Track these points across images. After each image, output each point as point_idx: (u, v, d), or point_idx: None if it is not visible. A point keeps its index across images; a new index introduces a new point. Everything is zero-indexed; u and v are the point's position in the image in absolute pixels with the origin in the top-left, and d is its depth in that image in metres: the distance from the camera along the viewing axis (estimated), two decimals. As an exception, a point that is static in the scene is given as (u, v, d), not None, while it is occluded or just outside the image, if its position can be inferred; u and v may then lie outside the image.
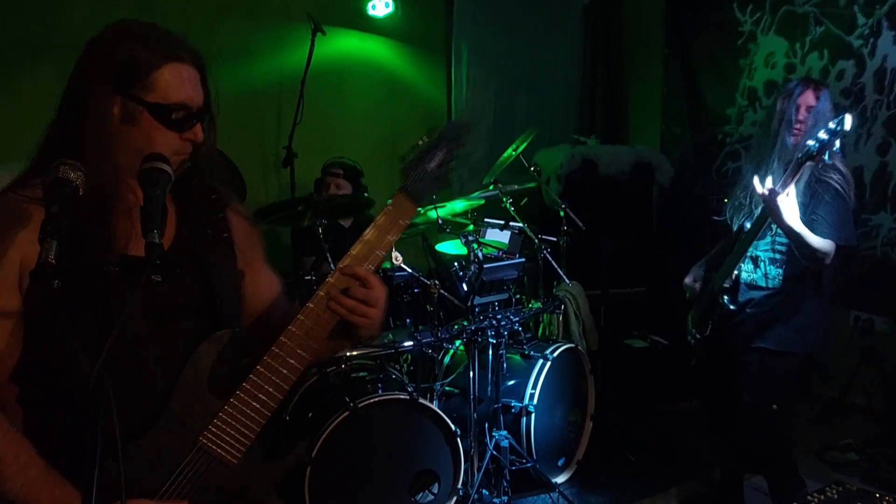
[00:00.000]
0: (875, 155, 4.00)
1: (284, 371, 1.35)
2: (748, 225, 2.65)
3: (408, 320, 3.33)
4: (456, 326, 3.13)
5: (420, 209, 3.42)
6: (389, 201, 1.44)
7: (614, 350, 4.31)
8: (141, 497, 1.22)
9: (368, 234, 1.40)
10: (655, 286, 4.78)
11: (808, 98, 2.59)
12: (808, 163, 2.35)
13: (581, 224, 3.89)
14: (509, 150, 3.83)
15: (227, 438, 1.31)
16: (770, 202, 2.38)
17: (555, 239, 3.88)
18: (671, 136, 5.46)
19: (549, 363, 3.29)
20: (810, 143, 2.34)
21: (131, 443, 1.25)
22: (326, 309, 1.38)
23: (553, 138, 5.24)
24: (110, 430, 1.10)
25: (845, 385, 4.15)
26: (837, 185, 2.51)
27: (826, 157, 2.37)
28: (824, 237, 2.46)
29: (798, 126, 2.58)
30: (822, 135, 2.30)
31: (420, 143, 1.45)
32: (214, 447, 1.30)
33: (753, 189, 2.61)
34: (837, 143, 2.32)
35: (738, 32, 4.81)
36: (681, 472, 3.60)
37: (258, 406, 1.33)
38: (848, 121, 2.25)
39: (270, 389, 1.34)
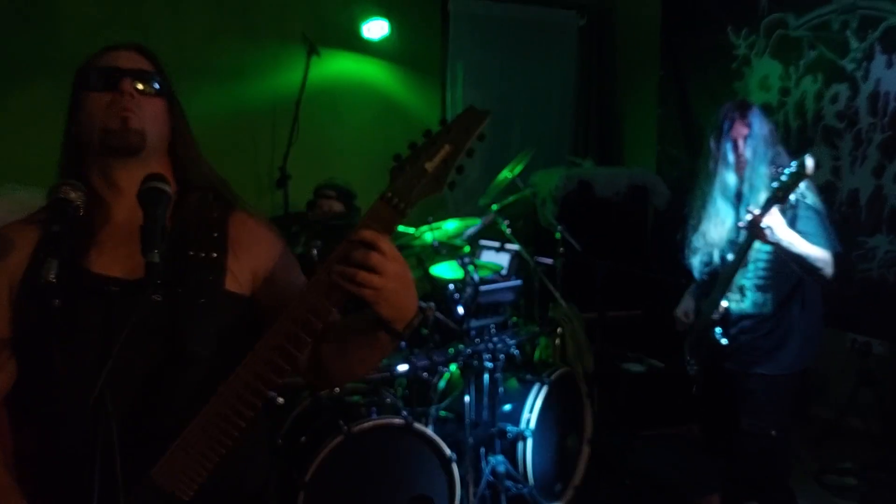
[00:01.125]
0: (870, 177, 4.01)
1: (248, 396, 1.18)
2: (730, 257, 2.62)
3: (402, 343, 3.30)
4: (451, 349, 3.10)
5: (413, 229, 3.40)
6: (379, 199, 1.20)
7: (610, 373, 4.28)
8: None
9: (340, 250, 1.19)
10: (651, 309, 4.76)
11: (740, 129, 2.52)
12: (776, 205, 2.31)
13: (577, 246, 3.87)
14: (505, 172, 3.82)
15: (178, 474, 1.17)
16: (758, 229, 2.34)
17: (551, 261, 3.86)
18: (667, 158, 5.47)
19: (545, 387, 3.26)
20: (775, 184, 2.31)
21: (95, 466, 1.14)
22: (323, 296, 1.16)
23: (549, 160, 5.25)
24: (109, 447, 1.11)
25: (842, 408, 4.13)
26: (802, 197, 2.45)
27: (791, 198, 2.33)
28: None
29: (741, 163, 2.53)
30: (785, 178, 2.26)
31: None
32: (163, 482, 1.18)
33: (708, 234, 2.62)
34: (803, 184, 2.29)
35: (732, 55, 4.84)
36: (678, 496, 3.57)
37: (212, 440, 1.18)
38: (809, 164, 2.19)
39: (227, 422, 1.18)
